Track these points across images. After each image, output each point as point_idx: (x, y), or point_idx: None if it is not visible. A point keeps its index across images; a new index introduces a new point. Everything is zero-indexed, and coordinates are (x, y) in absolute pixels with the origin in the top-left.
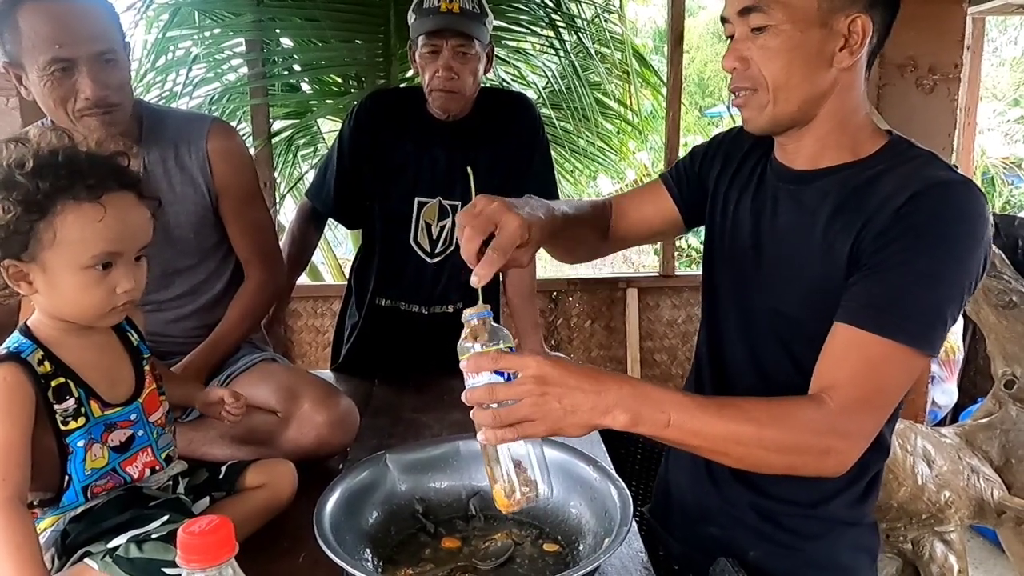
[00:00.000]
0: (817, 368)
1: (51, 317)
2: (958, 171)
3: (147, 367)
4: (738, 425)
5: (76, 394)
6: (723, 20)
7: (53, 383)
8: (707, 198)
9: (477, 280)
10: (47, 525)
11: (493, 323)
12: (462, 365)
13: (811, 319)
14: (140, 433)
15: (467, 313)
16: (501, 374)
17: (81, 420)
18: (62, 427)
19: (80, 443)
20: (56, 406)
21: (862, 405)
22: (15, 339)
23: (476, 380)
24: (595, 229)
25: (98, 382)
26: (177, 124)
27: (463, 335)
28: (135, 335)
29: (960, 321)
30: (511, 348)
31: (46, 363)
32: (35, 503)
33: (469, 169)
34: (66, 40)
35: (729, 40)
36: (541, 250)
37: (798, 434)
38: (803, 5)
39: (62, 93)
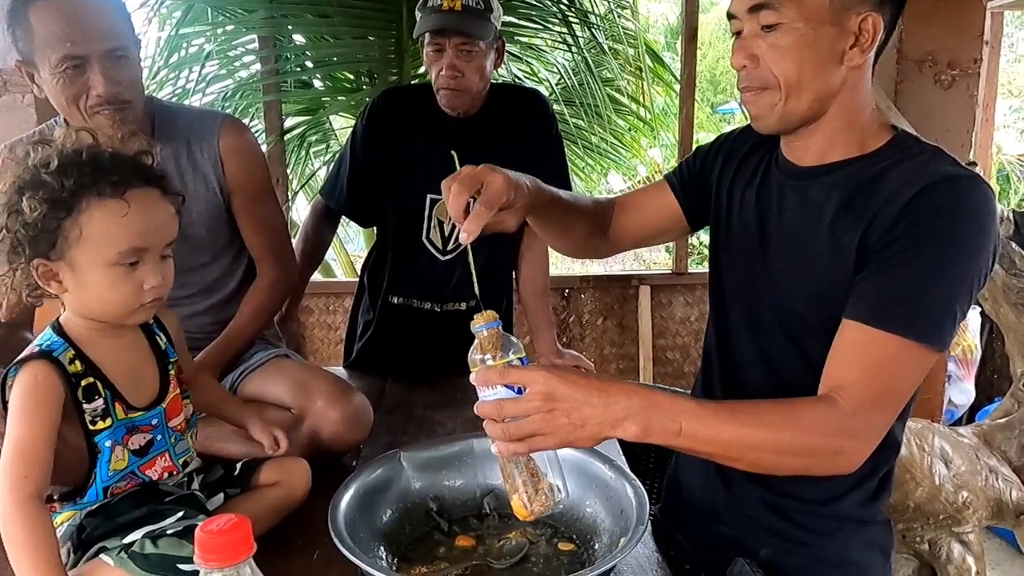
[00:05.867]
0: (827, 366)
1: (81, 316)
2: (966, 166)
3: (172, 371)
4: (750, 430)
5: (103, 395)
6: (730, 16)
7: (83, 383)
8: (710, 198)
9: (466, 236)
10: (64, 519)
11: (503, 333)
12: (472, 378)
13: (818, 315)
14: (159, 438)
15: (476, 324)
16: (510, 387)
17: (108, 421)
18: (91, 427)
19: (107, 443)
20: (85, 405)
21: (873, 404)
22: (47, 337)
23: (486, 394)
24: (593, 222)
25: (124, 384)
26: (189, 121)
27: (473, 347)
28: (163, 338)
29: (977, 320)
30: (521, 359)
31: (77, 362)
32: (55, 496)
33: (453, 153)
34: (78, 37)
35: (736, 36)
36: (553, 251)
37: (810, 436)
38: (815, 3)
39: (74, 90)
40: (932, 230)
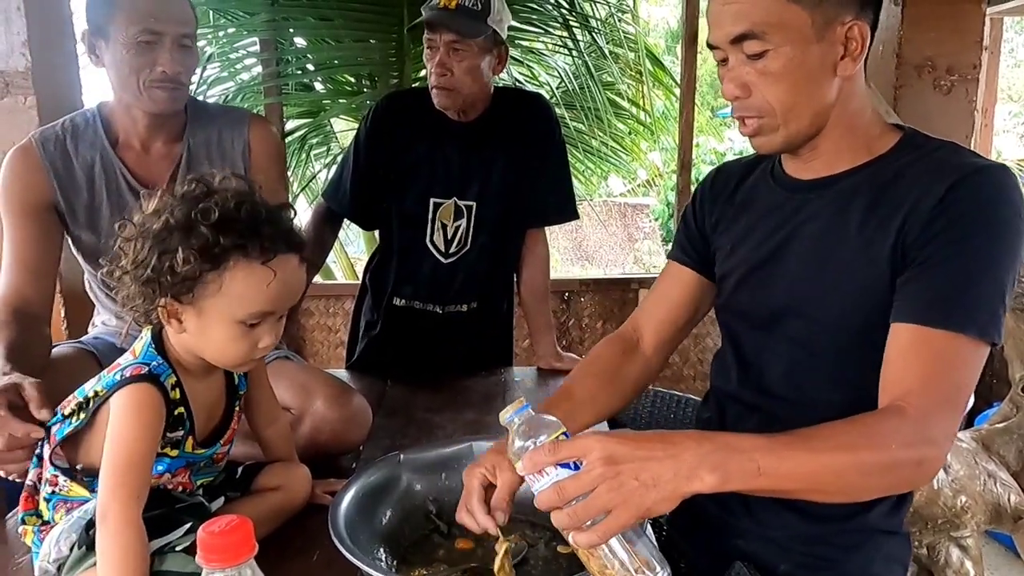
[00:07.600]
0: (884, 374)
1: (190, 353)
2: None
3: (238, 406)
4: (830, 456)
5: (185, 427)
6: (710, 46)
7: (175, 412)
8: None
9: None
10: (80, 494)
11: (536, 414)
12: (519, 469)
13: (850, 324)
14: (188, 463)
15: (505, 415)
16: (565, 465)
17: (176, 452)
18: (159, 449)
19: (160, 467)
20: (168, 434)
21: (944, 406)
22: (151, 356)
23: (541, 482)
24: (606, 372)
25: (200, 419)
26: (219, 112)
27: (510, 440)
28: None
29: None
30: (565, 434)
31: (176, 390)
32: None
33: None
34: (161, 16)
35: (720, 64)
36: (553, 250)
37: (890, 451)
38: (798, 24)
39: (140, 63)
40: (975, 221)
